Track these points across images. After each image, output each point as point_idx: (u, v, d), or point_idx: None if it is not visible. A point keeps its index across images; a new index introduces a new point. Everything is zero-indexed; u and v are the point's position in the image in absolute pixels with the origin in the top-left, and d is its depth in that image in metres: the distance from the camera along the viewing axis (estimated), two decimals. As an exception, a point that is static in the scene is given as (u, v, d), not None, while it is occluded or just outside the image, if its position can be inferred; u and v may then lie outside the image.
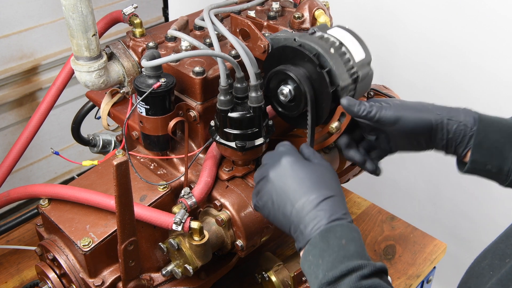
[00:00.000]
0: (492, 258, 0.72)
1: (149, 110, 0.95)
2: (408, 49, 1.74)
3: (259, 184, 0.84)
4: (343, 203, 0.79)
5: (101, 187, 0.99)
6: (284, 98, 0.92)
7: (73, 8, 0.89)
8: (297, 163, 0.81)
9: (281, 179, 0.80)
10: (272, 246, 1.32)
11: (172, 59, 0.90)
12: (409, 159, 1.94)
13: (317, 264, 0.72)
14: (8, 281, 1.23)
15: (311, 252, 0.74)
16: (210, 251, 0.93)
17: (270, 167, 0.82)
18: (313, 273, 0.73)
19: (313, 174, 0.80)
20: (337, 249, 0.72)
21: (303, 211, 0.77)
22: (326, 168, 0.83)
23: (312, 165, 0.82)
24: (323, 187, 0.78)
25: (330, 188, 0.79)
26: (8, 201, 1.08)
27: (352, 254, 0.71)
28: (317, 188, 0.78)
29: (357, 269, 0.69)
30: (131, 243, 0.86)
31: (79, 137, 1.25)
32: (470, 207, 1.82)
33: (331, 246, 0.72)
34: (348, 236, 0.73)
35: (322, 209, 0.76)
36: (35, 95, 1.58)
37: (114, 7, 1.67)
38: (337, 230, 0.74)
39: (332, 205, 0.77)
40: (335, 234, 0.73)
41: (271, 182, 0.81)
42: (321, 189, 0.78)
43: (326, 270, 0.71)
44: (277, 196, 0.80)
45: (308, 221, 0.76)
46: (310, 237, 0.75)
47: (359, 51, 0.93)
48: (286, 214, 0.79)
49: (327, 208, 0.76)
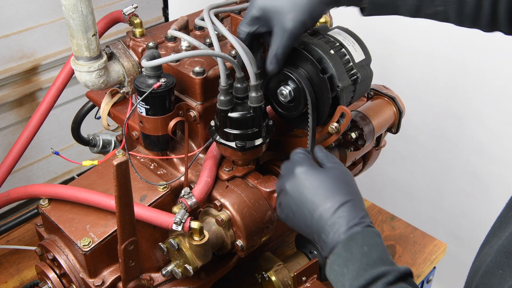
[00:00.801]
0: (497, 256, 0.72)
1: (149, 110, 0.95)
2: (408, 49, 1.74)
3: (279, 196, 0.85)
4: (360, 206, 0.79)
5: (101, 187, 0.99)
6: (284, 98, 0.92)
7: (73, 8, 0.89)
8: (310, 171, 0.82)
9: (297, 190, 0.81)
10: (272, 246, 1.32)
11: (172, 59, 0.90)
12: (409, 159, 1.94)
13: (342, 274, 0.73)
14: (8, 281, 1.23)
15: (336, 262, 0.75)
16: (210, 251, 0.93)
17: (286, 178, 0.84)
18: (340, 283, 0.74)
19: (327, 181, 0.80)
20: (360, 256, 0.72)
21: (321, 220, 0.77)
22: (340, 171, 0.83)
23: (325, 172, 0.82)
24: (338, 193, 0.79)
25: (345, 193, 0.79)
26: (8, 201, 1.08)
27: (375, 260, 0.72)
28: (332, 195, 0.79)
29: (382, 276, 0.69)
30: (131, 243, 0.86)
31: (79, 137, 1.25)
32: (470, 207, 1.82)
33: (354, 254, 0.73)
34: (370, 242, 0.74)
35: (340, 216, 0.76)
36: (35, 95, 1.58)
37: (114, 7, 1.67)
38: (358, 237, 0.74)
39: (349, 210, 0.77)
40: (356, 242, 0.74)
41: (289, 194, 0.83)
42: (336, 196, 0.78)
43: (352, 280, 0.71)
44: (296, 207, 0.81)
45: (328, 230, 0.76)
46: (332, 246, 0.76)
47: (359, 52, 0.93)
48: (307, 224, 0.80)
49: (345, 214, 0.76)
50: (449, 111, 1.74)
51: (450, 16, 0.82)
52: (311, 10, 0.85)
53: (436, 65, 1.69)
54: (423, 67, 1.73)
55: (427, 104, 1.77)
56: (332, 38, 0.93)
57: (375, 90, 1.12)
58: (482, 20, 0.81)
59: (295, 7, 0.85)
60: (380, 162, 1.37)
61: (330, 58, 0.89)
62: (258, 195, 0.97)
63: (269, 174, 1.01)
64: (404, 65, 1.77)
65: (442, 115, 1.77)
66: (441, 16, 0.83)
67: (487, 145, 1.69)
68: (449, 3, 0.80)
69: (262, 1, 0.87)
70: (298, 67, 0.90)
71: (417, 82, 1.76)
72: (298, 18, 0.85)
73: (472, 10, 0.79)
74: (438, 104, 1.75)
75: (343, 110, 0.91)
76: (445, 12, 0.81)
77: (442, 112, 1.76)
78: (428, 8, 0.82)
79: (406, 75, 1.78)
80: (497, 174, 1.70)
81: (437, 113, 1.78)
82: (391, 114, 1.09)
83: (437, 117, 1.78)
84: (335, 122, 0.92)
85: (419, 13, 0.83)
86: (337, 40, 0.93)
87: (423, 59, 1.72)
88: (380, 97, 1.11)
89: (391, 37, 1.73)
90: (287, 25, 0.85)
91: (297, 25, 0.85)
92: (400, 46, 1.75)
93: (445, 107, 1.74)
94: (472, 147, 1.73)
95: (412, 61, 1.75)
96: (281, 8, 0.85)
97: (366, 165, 1.27)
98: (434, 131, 1.81)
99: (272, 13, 0.86)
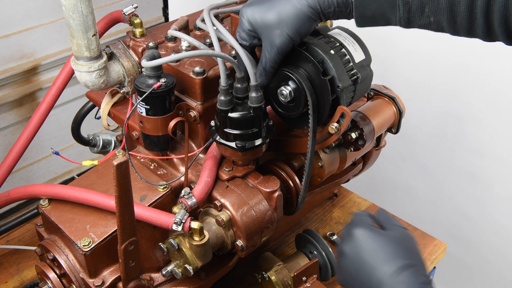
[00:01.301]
0: None
1: (149, 110, 0.95)
2: (408, 49, 1.74)
3: (340, 260, 0.83)
4: (421, 272, 0.76)
5: (101, 187, 0.99)
6: (284, 99, 0.92)
7: (73, 8, 0.89)
8: (369, 234, 0.79)
9: (356, 253, 0.79)
10: (272, 246, 1.32)
11: (172, 59, 0.90)
12: (409, 159, 1.94)
13: None
14: (8, 281, 1.23)
15: None
16: (210, 251, 0.93)
17: (345, 241, 0.81)
18: None
19: (388, 244, 0.78)
20: None
21: (381, 285, 0.75)
22: (402, 235, 0.80)
23: (386, 235, 0.80)
24: (399, 257, 0.76)
25: (406, 257, 0.76)
26: (8, 201, 1.08)
27: None
28: (393, 259, 0.76)
29: None
30: (131, 243, 0.86)
31: (79, 137, 1.25)
32: (470, 207, 1.83)
33: None
34: None
35: (400, 281, 0.74)
36: (35, 95, 1.58)
37: (114, 7, 1.67)
38: None
39: (409, 275, 0.74)
40: None
41: (348, 257, 0.80)
42: (396, 259, 0.76)
43: None
44: (355, 271, 0.79)
45: None
46: None
47: (359, 52, 0.93)
48: None
49: (405, 280, 0.73)
50: (449, 111, 1.74)
51: (444, 26, 0.80)
52: (298, 26, 0.85)
53: (436, 65, 1.69)
54: (423, 67, 1.73)
55: (427, 104, 1.77)
56: (332, 38, 0.93)
57: (375, 90, 1.12)
58: (477, 31, 0.79)
59: (282, 23, 0.85)
60: (380, 162, 1.37)
61: (330, 58, 0.89)
62: (258, 195, 0.97)
63: (269, 174, 1.01)
64: (404, 65, 1.77)
65: (442, 115, 1.77)
66: (435, 27, 0.81)
67: (487, 145, 1.69)
68: (439, 13, 0.78)
69: (251, 15, 0.88)
70: (298, 67, 0.90)
71: (417, 82, 1.76)
72: (284, 33, 0.85)
73: (465, 21, 0.77)
74: (438, 104, 1.75)
75: (343, 110, 0.91)
76: (438, 22, 0.79)
77: (442, 112, 1.76)
78: (420, 19, 0.81)
79: (406, 75, 1.78)
80: (497, 174, 1.70)
81: (437, 113, 1.78)
82: (391, 114, 1.09)
83: (437, 117, 1.78)
84: (335, 122, 0.92)
85: (412, 24, 0.82)
86: (337, 40, 0.93)
87: (423, 59, 1.72)
88: (380, 97, 1.11)
89: (391, 37, 1.73)
90: (275, 41, 0.86)
91: (284, 41, 0.86)
92: (400, 46, 1.75)
93: (445, 107, 1.74)
94: (472, 147, 1.73)
95: (412, 61, 1.75)
96: (268, 23, 0.86)
97: (366, 165, 1.27)
98: (434, 131, 1.81)
99: (260, 28, 0.87)
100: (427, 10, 0.79)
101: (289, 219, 1.32)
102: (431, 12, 0.79)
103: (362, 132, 1.01)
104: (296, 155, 1.08)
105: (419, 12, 0.80)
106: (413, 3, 0.79)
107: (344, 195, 1.50)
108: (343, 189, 1.51)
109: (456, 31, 0.80)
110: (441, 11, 0.78)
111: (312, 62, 0.89)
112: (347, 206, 1.46)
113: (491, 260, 1.84)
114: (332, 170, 1.10)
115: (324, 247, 1.14)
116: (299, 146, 1.03)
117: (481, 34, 0.79)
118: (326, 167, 1.07)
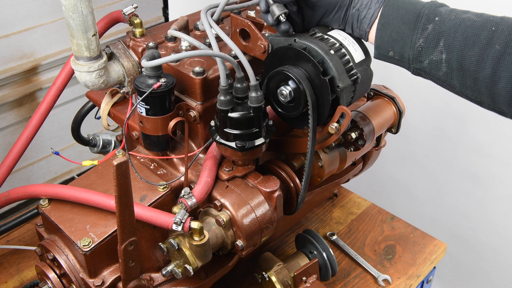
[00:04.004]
0: None
1: (149, 110, 0.95)
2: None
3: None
4: None
5: (101, 187, 0.99)
6: (284, 99, 0.92)
7: (73, 8, 0.89)
8: None
9: None
10: (272, 246, 1.32)
11: (172, 59, 0.90)
12: (409, 159, 1.94)
13: None
14: (8, 281, 1.23)
15: None
16: (210, 251, 0.93)
17: None
18: None
19: None
20: None
21: None
22: None
23: None
24: None
25: None
26: (8, 201, 1.08)
27: None
28: None
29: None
30: (131, 243, 0.86)
31: (79, 137, 1.25)
32: (470, 207, 1.83)
33: None
34: None
35: None
36: (35, 95, 1.58)
37: (114, 7, 1.67)
38: None
39: None
40: None
41: None
42: None
43: None
44: None
45: None
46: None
47: (359, 52, 0.93)
48: None
49: None
50: (449, 111, 1.74)
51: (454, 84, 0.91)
52: None
53: (436, 65, 1.69)
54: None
55: (427, 104, 1.77)
56: (332, 38, 0.93)
57: (375, 90, 1.12)
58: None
59: None
60: (380, 162, 1.37)
61: (330, 58, 0.89)
62: (258, 195, 0.97)
63: (269, 174, 1.01)
64: (404, 65, 1.77)
65: (442, 115, 1.77)
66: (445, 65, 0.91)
67: (487, 145, 1.69)
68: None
69: None
70: (298, 67, 0.90)
71: (417, 82, 1.76)
72: None
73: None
74: (438, 104, 1.75)
75: (343, 110, 0.91)
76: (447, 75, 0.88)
77: (442, 112, 1.76)
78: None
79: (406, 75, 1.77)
80: (497, 174, 1.70)
81: (437, 113, 1.78)
82: (391, 114, 1.09)
83: (437, 117, 1.78)
84: (335, 122, 0.92)
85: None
86: (337, 40, 0.93)
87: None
88: (380, 97, 1.11)
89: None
90: None
91: None
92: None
93: (445, 107, 1.74)
94: (472, 147, 1.73)
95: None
96: None
97: (366, 165, 1.27)
98: (434, 131, 1.81)
99: None
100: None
101: (289, 219, 1.32)
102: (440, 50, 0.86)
103: (362, 132, 1.01)
104: (296, 155, 1.08)
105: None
106: None
107: (344, 195, 1.50)
108: (343, 189, 1.51)
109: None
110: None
111: (312, 62, 0.89)
112: (347, 206, 1.46)
113: (491, 260, 1.84)
114: (332, 170, 1.10)
115: (324, 247, 1.14)
116: (299, 146, 1.03)
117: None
118: (326, 167, 1.07)
